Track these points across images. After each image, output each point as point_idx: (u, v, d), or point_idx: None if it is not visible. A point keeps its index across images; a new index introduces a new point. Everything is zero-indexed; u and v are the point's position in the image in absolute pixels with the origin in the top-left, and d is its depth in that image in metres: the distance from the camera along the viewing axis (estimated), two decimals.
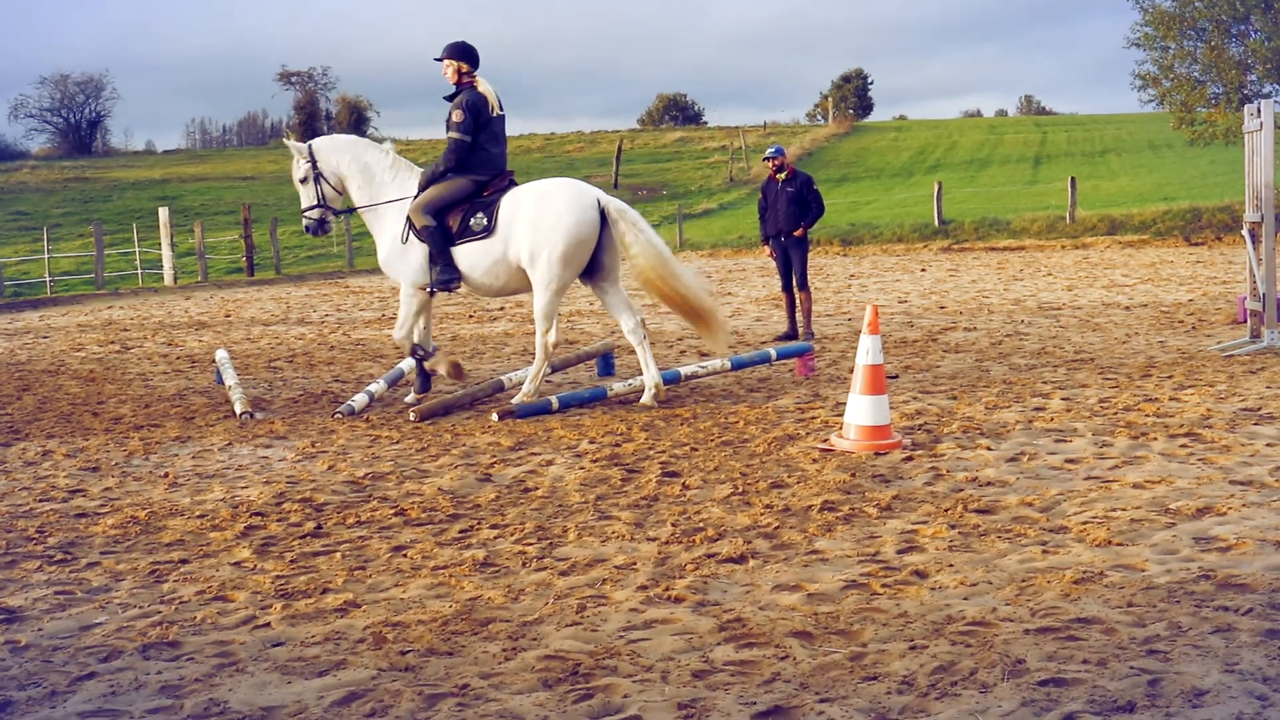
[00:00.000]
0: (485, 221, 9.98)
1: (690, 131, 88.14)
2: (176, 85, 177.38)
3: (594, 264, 10.07)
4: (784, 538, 5.91)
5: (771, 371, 11.55)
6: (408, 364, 11.59)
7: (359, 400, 10.23)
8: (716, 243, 38.19)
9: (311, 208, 10.47)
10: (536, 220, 9.79)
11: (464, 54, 10.11)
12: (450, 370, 10.34)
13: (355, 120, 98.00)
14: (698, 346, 13.80)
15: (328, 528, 6.41)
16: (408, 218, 10.12)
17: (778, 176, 14.48)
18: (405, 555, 5.82)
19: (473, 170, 10.07)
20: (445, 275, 10.06)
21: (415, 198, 10.15)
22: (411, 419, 9.58)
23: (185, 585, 5.46)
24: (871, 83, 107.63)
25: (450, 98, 10.18)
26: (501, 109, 10.17)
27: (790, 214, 14.29)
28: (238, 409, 10.14)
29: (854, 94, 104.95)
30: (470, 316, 18.79)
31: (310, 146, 10.45)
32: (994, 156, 64.02)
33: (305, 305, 23.05)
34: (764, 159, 14.77)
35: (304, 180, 10.45)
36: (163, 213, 33.00)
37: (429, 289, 10.21)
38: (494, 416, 9.51)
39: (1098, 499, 6.41)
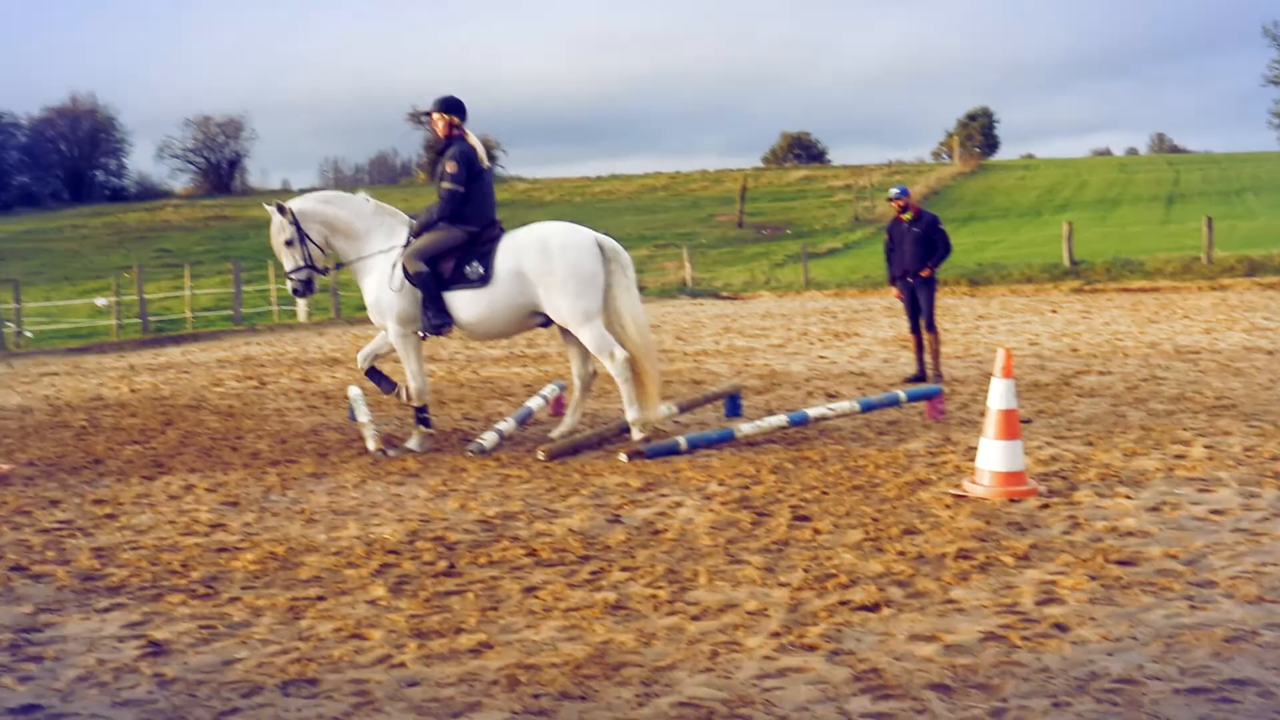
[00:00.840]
0: (481, 270, 10.17)
1: (814, 170, 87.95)
2: (311, 125, 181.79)
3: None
4: (918, 586, 5.79)
5: (901, 414, 11.39)
6: (536, 402, 11.66)
7: (489, 438, 10.30)
8: (841, 282, 37.92)
9: (297, 269, 10.50)
10: (544, 266, 10.01)
11: (455, 108, 10.40)
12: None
13: None
14: (826, 388, 13.68)
15: (460, 567, 6.44)
16: (401, 264, 10.27)
17: (903, 216, 14.33)
18: (537, 596, 5.82)
19: (466, 220, 10.29)
20: (437, 320, 10.24)
21: (406, 245, 10.34)
22: (540, 458, 9.62)
23: (322, 622, 5.52)
24: (998, 120, 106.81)
25: (440, 151, 10.50)
26: (489, 162, 10.48)
27: (916, 254, 14.13)
28: (371, 446, 10.27)
29: (980, 132, 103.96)
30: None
31: (291, 209, 10.46)
32: (1125, 195, 62.83)
33: (434, 342, 23.32)
34: (889, 199, 14.63)
35: (289, 243, 10.46)
36: None
37: (420, 332, 10.40)
38: (622, 457, 9.50)
39: (1247, 552, 6.19)
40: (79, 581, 6.38)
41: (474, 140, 10.40)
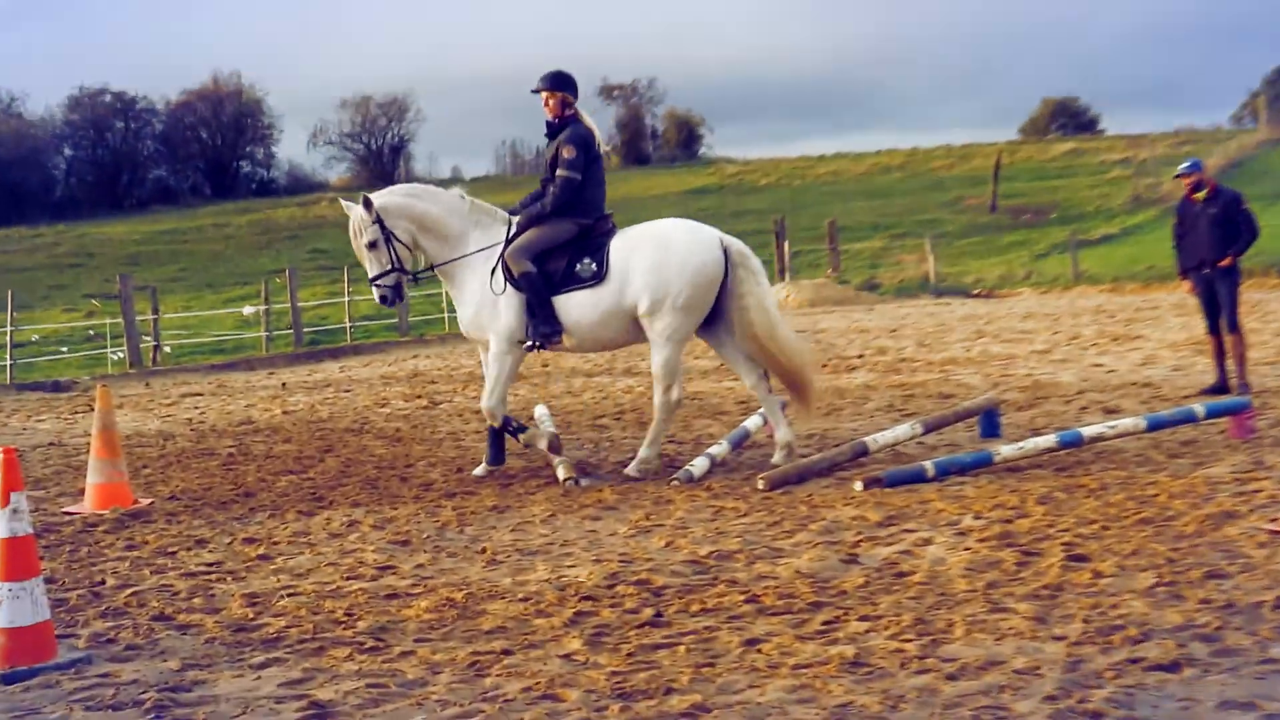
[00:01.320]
0: (594, 267, 10.33)
1: (1084, 142, 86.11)
2: (485, 103, 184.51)
3: (714, 311, 10.49)
4: (1228, 641, 5.63)
5: (1198, 433, 11.07)
6: (753, 422, 11.68)
7: (699, 465, 10.35)
8: (1119, 275, 37.09)
9: (385, 274, 10.65)
10: (659, 265, 10.20)
11: (568, 84, 10.58)
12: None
13: (685, 138, 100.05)
14: (1103, 402, 13.38)
15: (668, 615, 6.48)
16: (502, 265, 10.41)
17: (1195, 196, 13.95)
18: (760, 650, 5.83)
19: (577, 213, 10.48)
20: (547, 328, 10.36)
21: (508, 242, 10.48)
22: (760, 487, 9.63)
23: (510, 680, 5.62)
24: None
25: (552, 133, 10.63)
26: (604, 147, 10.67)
27: (1214, 240, 13.73)
28: (560, 474, 10.42)
29: None
30: (824, 365, 18.80)
31: (375, 205, 10.61)
32: None
33: (632, 353, 23.55)
34: (1177, 175, 14.28)
35: (373, 245, 10.59)
36: None
37: (528, 344, 10.52)
38: (857, 485, 9.45)
39: None
40: (230, 633, 6.62)
41: (589, 121, 10.63)
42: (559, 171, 10.42)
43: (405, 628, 6.53)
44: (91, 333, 33.19)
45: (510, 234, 10.64)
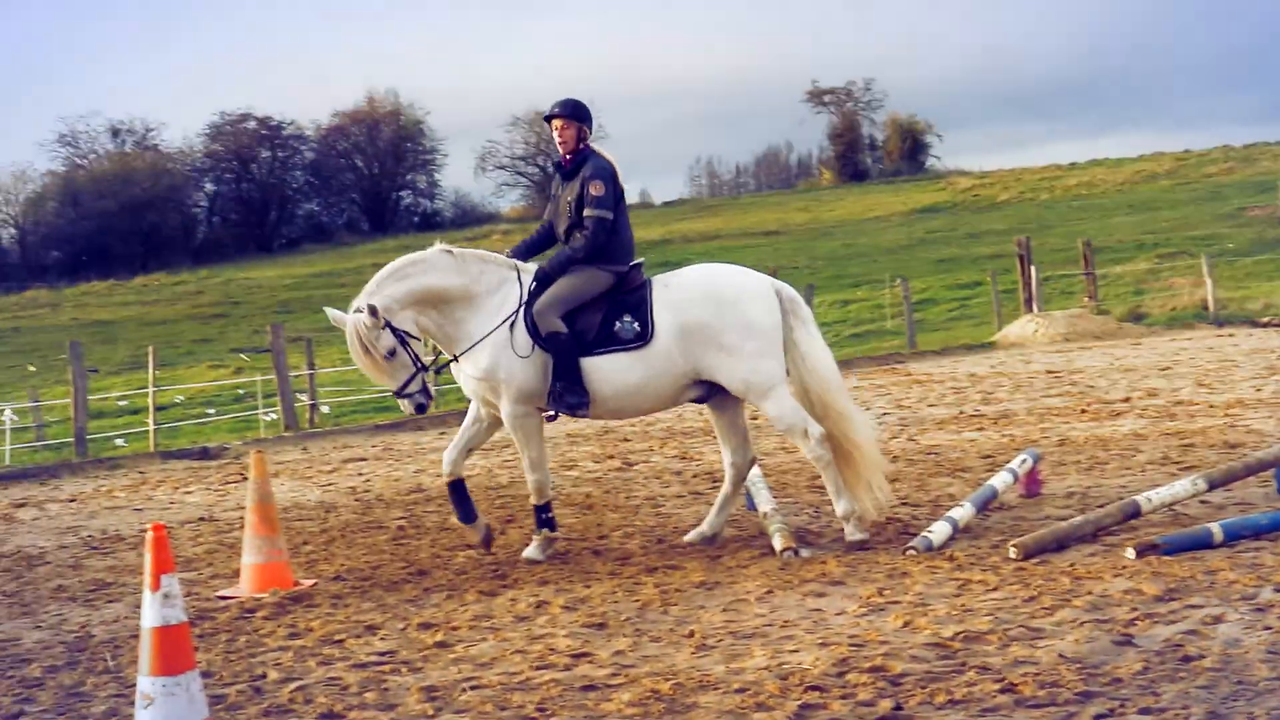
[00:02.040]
0: (637, 326, 10.39)
1: None
2: (675, 117, 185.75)
3: None
4: None
5: None
6: (1001, 479, 11.57)
7: (938, 531, 10.27)
8: None
9: (412, 379, 10.54)
10: (721, 319, 10.45)
11: (586, 116, 10.78)
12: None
13: (909, 149, 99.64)
14: None
15: (909, 708, 6.45)
16: (527, 322, 10.41)
17: None
18: None
19: (612, 259, 10.60)
20: (574, 398, 10.39)
21: (533, 296, 10.50)
22: (1012, 556, 9.53)
23: None
24: None
25: (568, 169, 10.73)
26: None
27: None
28: (777, 544, 10.42)
29: None
30: (1083, 411, 18.53)
31: (375, 308, 10.31)
32: None
33: (855, 400, 23.43)
34: None
35: (391, 354, 10.41)
36: None
37: (549, 411, 10.57)
38: (1129, 553, 9.31)
39: None
40: None
41: (609, 154, 10.77)
42: (589, 212, 10.51)
43: None
44: (241, 392, 34.04)
45: (531, 286, 10.64)
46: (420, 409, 10.79)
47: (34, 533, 14.56)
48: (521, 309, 10.56)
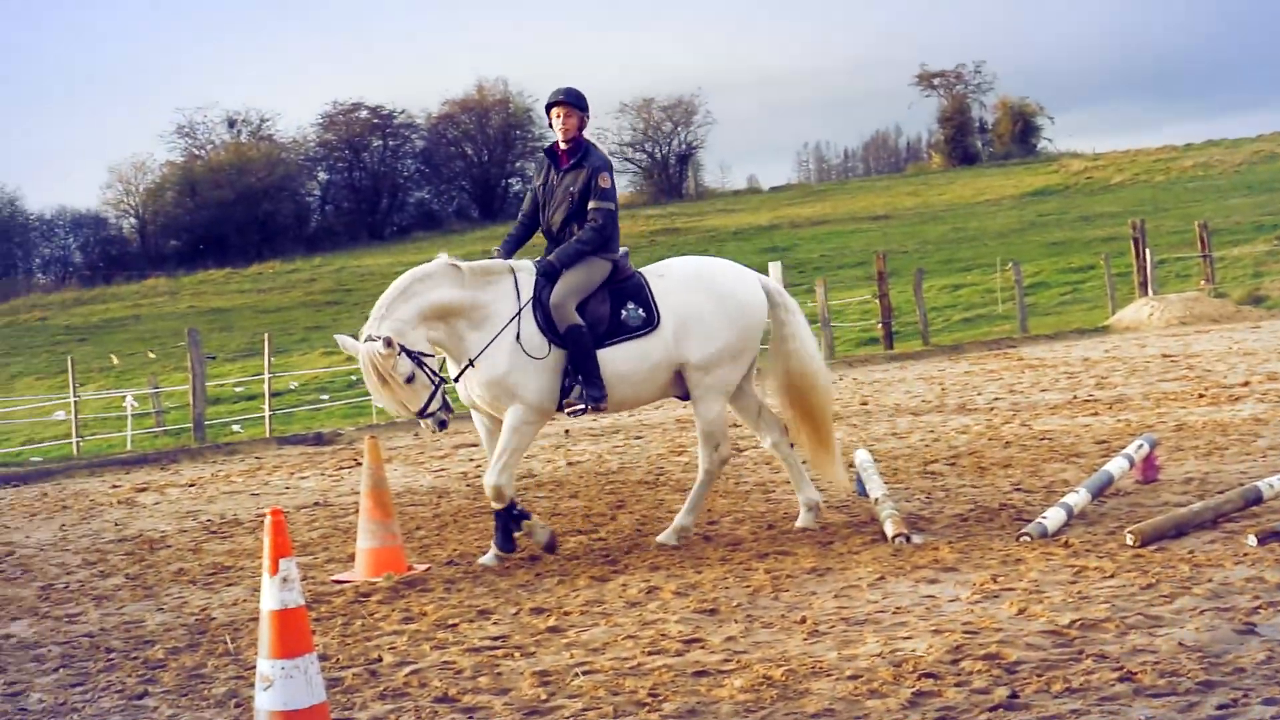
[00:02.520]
0: (642, 313, 10.39)
1: None
2: (783, 102, 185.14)
3: None
4: None
5: None
6: (1117, 465, 11.43)
7: (1052, 517, 10.16)
8: None
9: (431, 399, 10.21)
10: (714, 311, 10.50)
11: (586, 103, 10.69)
12: (547, 544, 10.68)
13: (1021, 131, 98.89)
14: None
15: (1026, 696, 6.38)
16: (540, 321, 10.28)
17: None
18: None
19: (611, 248, 10.56)
20: (596, 390, 10.26)
21: (540, 292, 10.36)
22: (1130, 542, 9.41)
23: None
24: None
25: (571, 159, 10.64)
26: None
27: None
28: (889, 530, 10.35)
29: None
30: (1201, 395, 18.29)
31: (389, 339, 9.89)
32: None
33: (966, 386, 23.33)
34: None
35: (410, 379, 10.05)
36: (773, 269, 34.40)
37: (575, 410, 10.41)
38: (1250, 540, 9.16)
39: None
40: (521, 716, 6.75)
41: (601, 147, 10.81)
42: (598, 204, 10.49)
43: (718, 710, 6.56)
44: (354, 378, 34.32)
45: (538, 283, 10.44)
46: (442, 425, 10.40)
47: (155, 517, 14.76)
48: (528, 308, 10.39)
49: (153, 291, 73.24)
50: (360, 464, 12.52)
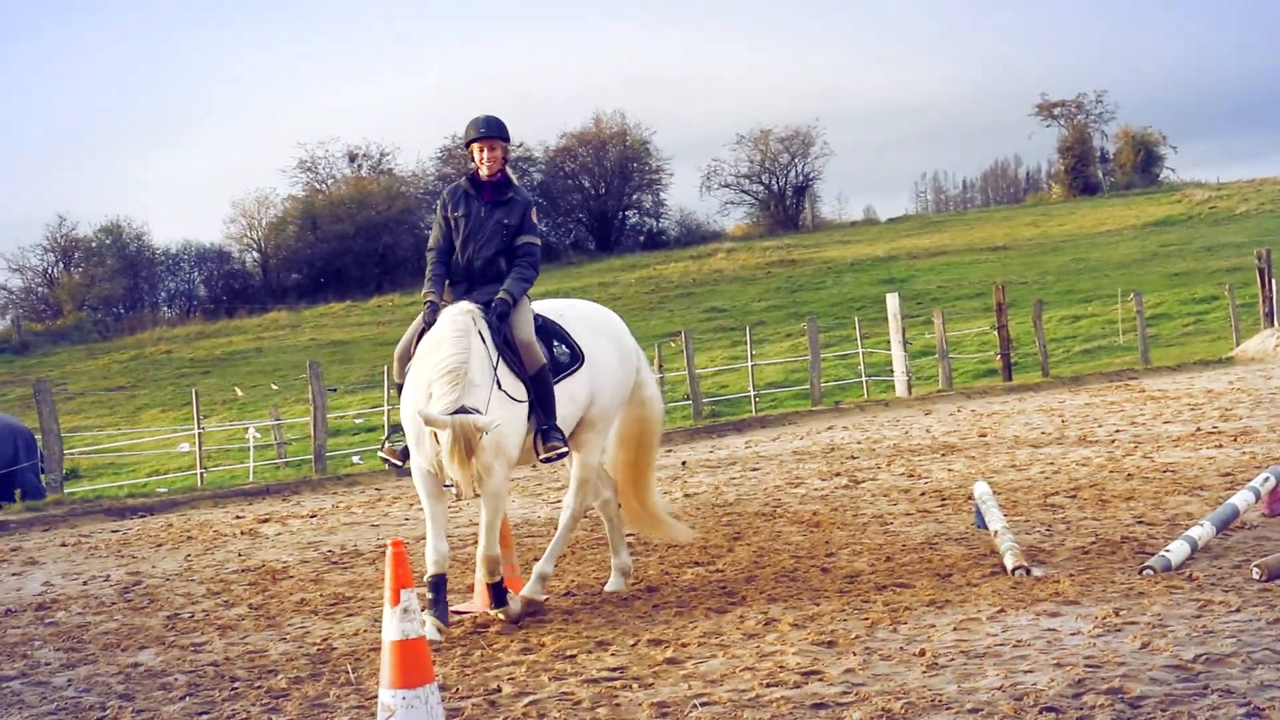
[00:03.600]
0: (566, 349, 10.20)
1: None
2: (899, 134, 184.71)
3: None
4: None
5: None
6: (1243, 498, 11.30)
7: (1176, 550, 10.05)
8: None
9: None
10: (612, 353, 10.50)
11: (508, 133, 10.47)
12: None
13: (1143, 161, 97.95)
14: None
15: None
16: (511, 363, 9.78)
17: None
18: None
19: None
20: (558, 433, 9.96)
21: (509, 333, 9.88)
22: (1256, 576, 9.29)
23: None
24: None
25: (495, 193, 10.38)
26: None
27: None
28: (1009, 563, 10.28)
29: None
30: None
31: (488, 423, 9.22)
32: None
33: (1086, 417, 23.09)
34: None
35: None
36: (891, 300, 34.37)
37: (545, 458, 9.98)
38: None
39: None
40: None
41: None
42: (529, 238, 10.33)
43: None
44: None
45: (492, 322, 9.86)
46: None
47: (277, 547, 14.90)
48: (495, 351, 9.77)
49: (274, 325, 73.99)
50: (478, 496, 12.55)
